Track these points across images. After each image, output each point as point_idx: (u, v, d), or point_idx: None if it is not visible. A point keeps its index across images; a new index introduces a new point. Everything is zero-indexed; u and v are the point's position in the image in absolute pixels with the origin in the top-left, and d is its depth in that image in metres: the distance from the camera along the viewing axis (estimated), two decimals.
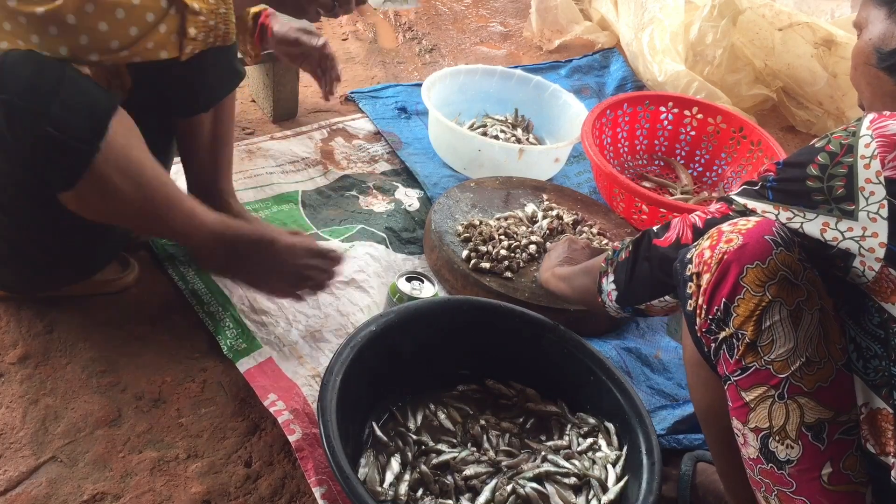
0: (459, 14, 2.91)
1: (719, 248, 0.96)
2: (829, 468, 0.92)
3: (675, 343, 1.60)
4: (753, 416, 0.95)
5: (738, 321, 0.94)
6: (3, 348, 1.35)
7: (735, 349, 0.94)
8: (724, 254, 0.95)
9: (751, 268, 0.93)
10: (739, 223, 0.98)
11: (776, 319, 0.92)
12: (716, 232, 0.98)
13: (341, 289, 1.56)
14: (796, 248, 0.94)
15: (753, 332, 0.93)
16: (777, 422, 0.93)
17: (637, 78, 2.53)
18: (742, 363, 0.94)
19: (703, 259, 0.97)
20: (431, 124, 2.04)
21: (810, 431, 0.92)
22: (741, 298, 0.93)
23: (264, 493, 1.22)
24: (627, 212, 1.85)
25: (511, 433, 1.31)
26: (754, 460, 0.97)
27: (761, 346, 0.93)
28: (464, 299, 1.44)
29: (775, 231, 0.94)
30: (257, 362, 1.37)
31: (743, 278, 0.93)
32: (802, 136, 2.51)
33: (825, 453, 0.92)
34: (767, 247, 0.93)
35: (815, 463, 0.92)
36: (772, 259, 0.92)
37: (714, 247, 0.96)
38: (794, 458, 0.93)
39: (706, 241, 0.99)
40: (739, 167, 2.05)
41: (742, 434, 0.97)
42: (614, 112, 2.07)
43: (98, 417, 1.27)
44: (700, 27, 2.40)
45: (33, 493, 1.16)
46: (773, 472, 0.95)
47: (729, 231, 0.97)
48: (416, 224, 1.80)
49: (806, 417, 0.92)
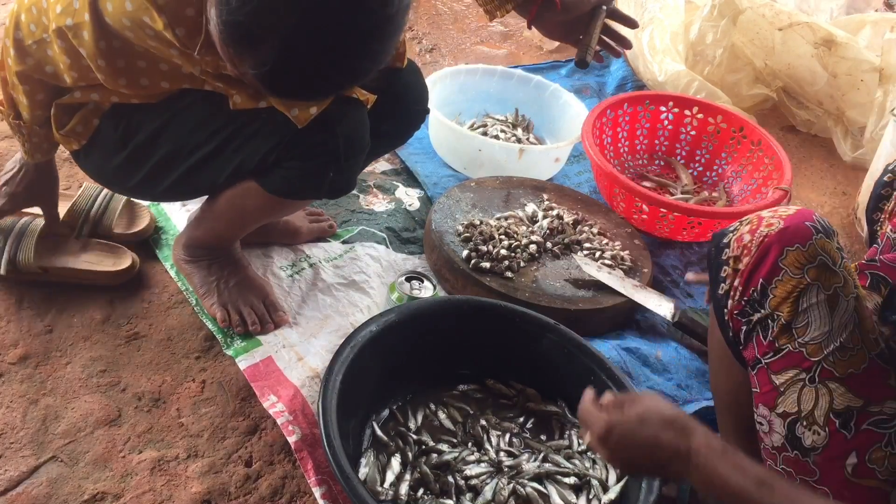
0: (459, 14, 2.91)
1: (759, 231, 0.97)
2: (855, 458, 0.91)
3: (675, 343, 1.60)
4: (782, 399, 0.95)
5: (776, 302, 0.94)
6: (3, 348, 1.35)
7: (770, 330, 0.95)
8: (765, 237, 0.96)
9: (791, 250, 0.94)
10: (780, 210, 0.99)
11: (813, 302, 0.92)
12: (755, 217, 1.00)
13: (341, 289, 1.56)
14: (835, 236, 0.95)
15: (790, 313, 0.93)
16: (806, 406, 0.93)
17: (637, 78, 2.53)
18: (775, 345, 0.94)
19: (743, 243, 0.98)
20: (432, 124, 2.03)
21: (839, 418, 0.91)
22: (779, 280, 0.94)
23: (264, 492, 1.22)
24: (628, 211, 1.85)
25: (511, 433, 1.31)
26: (778, 448, 0.96)
27: (796, 328, 0.93)
28: (464, 299, 1.44)
29: (815, 219, 0.96)
30: (257, 361, 1.37)
31: (783, 260, 0.94)
32: (802, 135, 2.51)
33: (851, 442, 0.91)
34: (808, 231, 0.94)
35: (840, 451, 0.92)
36: (812, 243, 0.93)
37: (754, 231, 0.98)
38: (820, 445, 0.92)
39: (745, 226, 1.00)
40: (740, 167, 2.05)
41: (767, 421, 0.97)
42: (614, 112, 2.06)
43: (98, 417, 1.27)
44: (700, 27, 2.40)
45: (34, 492, 1.16)
46: (798, 461, 0.95)
47: (769, 216, 0.99)
48: (416, 224, 1.80)
49: (835, 403, 0.91)
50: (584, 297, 1.58)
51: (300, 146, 1.23)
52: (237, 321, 1.42)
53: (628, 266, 1.69)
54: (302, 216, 1.66)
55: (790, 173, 1.86)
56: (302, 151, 1.23)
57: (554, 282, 1.60)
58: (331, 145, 1.23)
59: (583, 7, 1.49)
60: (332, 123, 1.21)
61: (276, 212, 1.45)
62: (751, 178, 2.01)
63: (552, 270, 1.64)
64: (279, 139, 1.22)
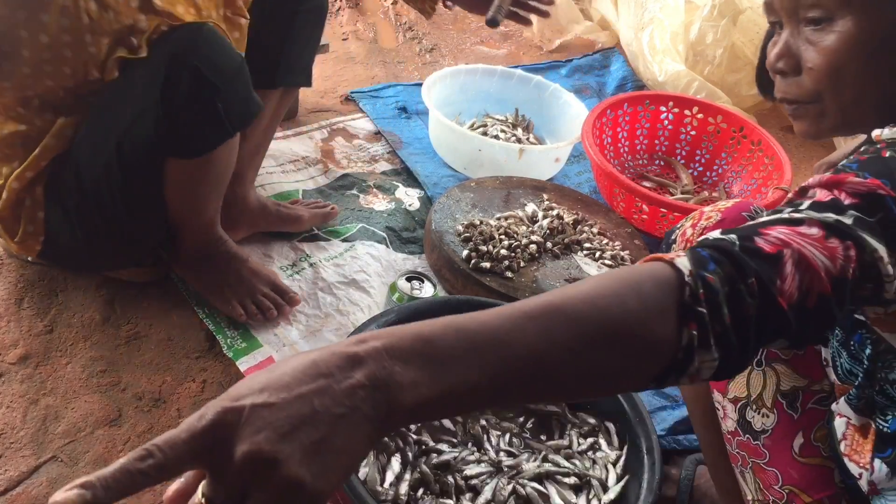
0: (459, 14, 2.91)
1: (700, 224, 1.00)
2: (801, 439, 0.93)
3: None
4: (733, 385, 0.97)
5: None
6: (4, 348, 1.35)
7: None
8: (704, 229, 0.98)
9: None
10: (720, 204, 1.02)
11: None
12: (697, 213, 1.03)
13: (341, 288, 1.56)
14: None
15: None
16: (755, 390, 0.95)
17: (637, 78, 2.53)
18: None
19: (686, 237, 1.01)
20: (432, 124, 2.03)
21: (785, 399, 0.93)
22: None
23: None
24: (628, 211, 1.85)
25: (511, 433, 1.31)
26: (732, 433, 0.99)
27: None
28: (464, 299, 1.44)
29: (752, 209, 0.98)
30: (257, 361, 1.37)
31: None
32: None
33: (798, 422, 0.93)
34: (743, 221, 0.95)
35: (788, 432, 0.94)
36: None
37: (695, 225, 1.01)
38: (769, 427, 0.94)
39: (689, 220, 1.03)
40: (740, 167, 2.05)
41: (722, 407, 0.99)
42: (614, 112, 2.06)
43: (98, 417, 1.27)
44: (700, 27, 2.40)
45: (34, 492, 1.16)
46: (749, 444, 0.96)
47: (710, 210, 1.01)
48: (416, 224, 1.80)
49: (782, 384, 0.94)
50: None
51: (173, 98, 1.20)
52: (255, 312, 1.44)
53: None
54: (301, 205, 1.69)
55: (790, 173, 1.86)
56: (179, 102, 1.21)
57: (554, 282, 1.60)
58: (197, 78, 1.20)
59: None
60: (184, 57, 1.19)
61: (213, 174, 1.35)
62: (751, 178, 2.01)
63: (552, 270, 1.64)
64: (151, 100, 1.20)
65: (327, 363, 0.51)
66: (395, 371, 0.52)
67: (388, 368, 0.52)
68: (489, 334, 0.55)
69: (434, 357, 0.53)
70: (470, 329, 0.55)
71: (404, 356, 0.53)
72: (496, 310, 0.58)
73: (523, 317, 0.57)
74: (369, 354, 0.52)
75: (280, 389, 0.49)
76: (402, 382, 0.52)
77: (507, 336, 0.56)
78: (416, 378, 0.52)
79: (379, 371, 0.51)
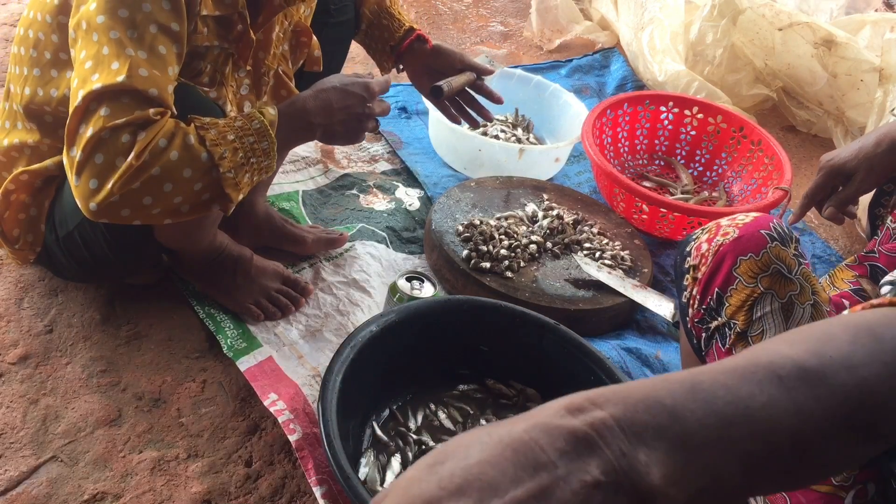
0: (459, 14, 2.91)
1: (716, 240, 0.98)
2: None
3: (675, 343, 1.60)
4: None
5: (731, 310, 0.95)
6: (3, 348, 1.35)
7: (727, 338, 0.95)
8: (720, 246, 0.97)
9: (744, 259, 0.94)
10: (738, 218, 1.00)
11: (767, 311, 0.93)
12: (714, 226, 1.01)
13: (341, 288, 1.56)
14: (793, 243, 0.95)
15: (744, 321, 0.93)
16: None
17: (637, 78, 2.53)
18: (733, 352, 0.95)
19: (701, 252, 0.99)
20: (432, 124, 2.03)
21: None
22: (734, 289, 0.94)
23: (264, 492, 1.22)
24: (628, 211, 1.85)
25: None
26: None
27: (752, 335, 0.94)
28: (464, 299, 1.43)
29: (772, 226, 0.96)
30: (257, 361, 1.37)
31: (736, 269, 0.94)
32: (802, 135, 2.51)
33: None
34: (762, 240, 0.94)
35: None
36: (766, 252, 0.94)
37: (711, 240, 0.99)
38: None
39: (704, 234, 1.01)
40: (740, 167, 2.05)
41: None
42: (614, 112, 2.06)
43: (98, 417, 1.27)
44: (700, 27, 2.40)
45: (34, 492, 1.16)
46: None
47: (727, 225, 0.99)
48: (416, 223, 1.80)
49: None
50: (584, 297, 1.58)
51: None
52: (273, 310, 1.45)
53: (628, 266, 1.69)
54: (308, 227, 1.66)
55: (790, 173, 1.86)
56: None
57: (554, 282, 1.60)
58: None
59: (452, 61, 1.62)
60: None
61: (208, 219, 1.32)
62: (751, 178, 2.01)
63: (552, 270, 1.64)
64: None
65: (543, 447, 0.37)
66: (638, 461, 0.38)
67: (630, 456, 0.38)
68: (741, 405, 0.42)
69: (684, 441, 0.39)
70: (717, 396, 0.42)
71: (646, 436, 0.38)
72: (736, 364, 0.45)
73: (773, 380, 0.44)
74: (599, 433, 0.38)
75: (485, 490, 0.35)
76: (652, 483, 0.37)
77: (763, 412, 0.42)
78: (666, 473, 0.38)
79: (618, 461, 0.37)
